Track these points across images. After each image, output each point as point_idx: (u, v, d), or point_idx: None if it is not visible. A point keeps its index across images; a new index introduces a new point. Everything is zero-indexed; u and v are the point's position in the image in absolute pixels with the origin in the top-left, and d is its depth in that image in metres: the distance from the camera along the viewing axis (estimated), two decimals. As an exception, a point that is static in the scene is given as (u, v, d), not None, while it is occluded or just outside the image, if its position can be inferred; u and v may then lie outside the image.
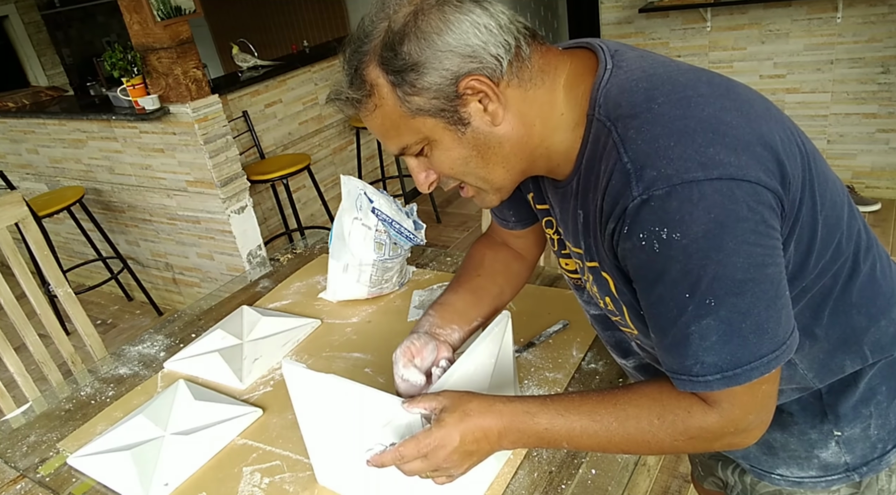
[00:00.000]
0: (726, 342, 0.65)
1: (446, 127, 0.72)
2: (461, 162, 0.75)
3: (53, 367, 1.71)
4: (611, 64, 0.72)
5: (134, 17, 2.62)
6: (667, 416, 0.72)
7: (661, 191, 0.62)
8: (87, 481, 1.12)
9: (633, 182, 0.64)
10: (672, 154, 0.63)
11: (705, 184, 0.61)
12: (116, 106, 2.99)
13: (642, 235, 0.64)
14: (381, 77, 0.71)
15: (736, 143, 0.63)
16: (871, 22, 3.12)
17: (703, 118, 0.65)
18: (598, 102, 0.71)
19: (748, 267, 0.63)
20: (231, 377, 1.32)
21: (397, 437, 0.85)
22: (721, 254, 0.62)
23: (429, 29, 0.68)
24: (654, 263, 0.65)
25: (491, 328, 0.94)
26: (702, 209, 0.61)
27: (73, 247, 3.85)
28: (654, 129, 0.65)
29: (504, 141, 0.74)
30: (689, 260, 0.63)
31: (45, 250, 1.74)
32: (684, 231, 0.62)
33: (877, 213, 3.31)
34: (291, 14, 5.19)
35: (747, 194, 0.62)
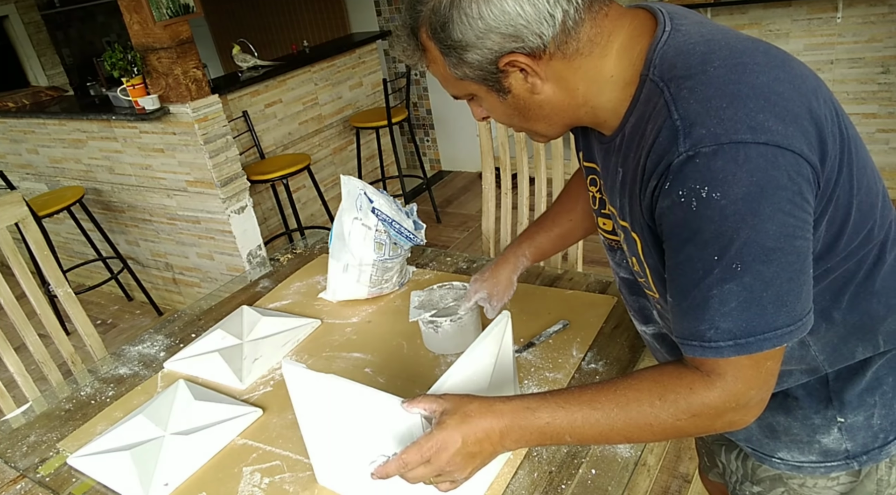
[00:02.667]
0: (745, 309, 0.66)
1: (489, 91, 0.78)
2: (505, 116, 0.82)
3: (53, 367, 1.71)
4: (669, 26, 0.73)
5: (134, 17, 2.62)
6: (668, 396, 0.73)
7: (707, 149, 0.64)
8: (87, 481, 1.12)
9: (681, 138, 0.65)
10: (723, 114, 0.64)
11: (752, 147, 0.63)
12: (116, 106, 2.99)
13: (682, 192, 0.65)
14: (432, 43, 0.76)
15: (785, 113, 0.65)
16: (871, 22, 3.12)
17: (757, 85, 0.66)
18: (653, 63, 0.72)
19: (779, 236, 0.64)
20: (231, 377, 1.32)
21: (397, 438, 0.85)
22: (756, 219, 0.63)
23: (472, 11, 0.70)
24: (689, 222, 0.66)
25: (491, 328, 0.94)
26: (745, 171, 0.63)
27: (73, 247, 3.85)
28: (707, 90, 0.66)
29: (544, 104, 0.78)
30: (725, 221, 0.64)
31: (45, 250, 1.74)
32: (725, 191, 0.63)
33: (877, 213, 3.31)
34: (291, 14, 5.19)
35: (789, 164, 0.64)
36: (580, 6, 0.71)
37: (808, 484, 0.90)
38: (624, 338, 1.27)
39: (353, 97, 4.01)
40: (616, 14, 0.75)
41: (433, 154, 4.89)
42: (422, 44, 0.77)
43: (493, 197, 1.94)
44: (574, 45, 0.73)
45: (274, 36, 5.29)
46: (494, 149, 1.92)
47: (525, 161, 1.85)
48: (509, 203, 1.95)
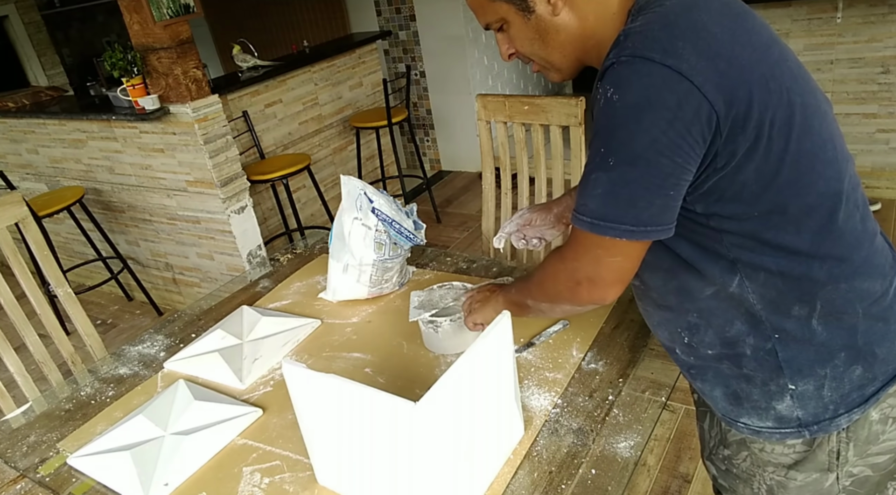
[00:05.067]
0: (605, 197, 0.78)
1: (517, 12, 0.87)
2: (528, 42, 0.90)
3: (53, 367, 1.71)
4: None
5: (134, 17, 2.62)
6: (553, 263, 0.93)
7: (625, 58, 0.74)
8: (87, 481, 1.12)
9: (615, 49, 0.77)
10: (649, 34, 0.75)
11: (655, 66, 0.72)
12: (116, 106, 2.98)
13: (601, 91, 0.77)
14: None
15: (706, 50, 0.73)
16: (871, 22, 3.12)
17: (695, 20, 0.75)
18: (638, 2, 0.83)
19: (648, 147, 0.74)
20: (231, 377, 1.32)
21: (397, 438, 0.85)
22: (635, 126, 0.74)
23: None
24: (598, 117, 0.78)
25: (491, 328, 0.94)
26: (642, 84, 0.73)
27: (73, 247, 3.85)
28: (652, 17, 0.77)
29: (560, 29, 0.87)
30: (613, 120, 0.75)
31: (45, 250, 1.74)
32: (621, 96, 0.74)
33: (877, 213, 3.31)
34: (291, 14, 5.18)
35: (683, 91, 0.72)
36: None
37: (766, 450, 0.94)
38: (624, 338, 1.27)
39: (353, 97, 4.01)
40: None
41: (433, 154, 4.89)
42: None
43: (493, 197, 1.94)
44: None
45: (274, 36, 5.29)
46: (494, 149, 1.92)
47: (525, 161, 1.85)
48: (509, 203, 1.95)
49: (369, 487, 0.96)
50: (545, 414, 1.11)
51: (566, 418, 1.10)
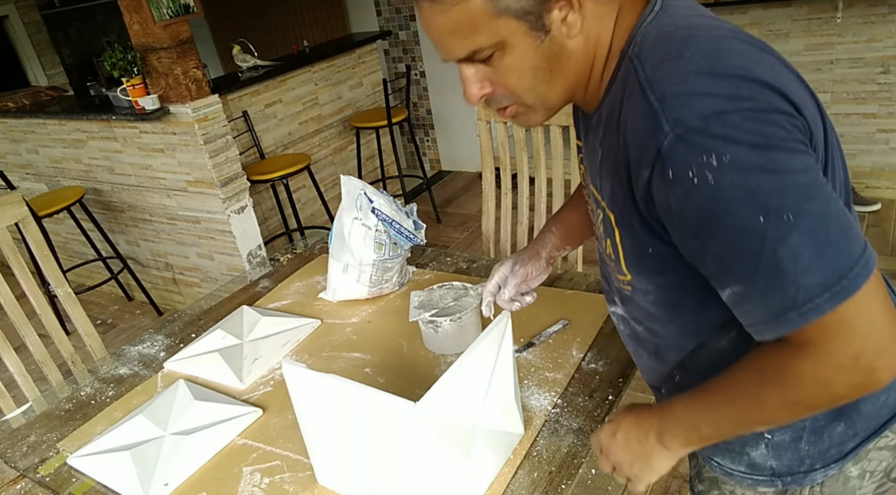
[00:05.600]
0: (820, 254, 0.60)
1: (527, 31, 0.69)
2: (531, 73, 0.73)
3: (53, 367, 1.71)
4: (659, 5, 0.72)
5: (134, 17, 2.62)
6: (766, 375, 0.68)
7: (695, 123, 0.61)
8: (87, 481, 1.12)
9: (662, 119, 0.63)
10: (699, 89, 0.63)
11: (736, 114, 0.61)
12: (116, 106, 2.98)
13: (691, 173, 0.62)
14: None
15: (763, 88, 0.64)
16: (871, 22, 3.12)
17: (732, 66, 0.65)
18: (635, 40, 0.71)
19: (806, 170, 0.62)
20: (231, 377, 1.32)
21: (397, 438, 0.85)
22: (776, 164, 0.60)
23: None
24: (714, 197, 0.61)
25: (491, 328, 0.94)
26: (741, 131, 0.61)
27: (73, 247, 3.85)
28: (682, 74, 0.64)
29: (571, 55, 0.73)
30: (748, 179, 0.60)
31: (45, 250, 1.74)
32: (733, 152, 0.60)
33: (877, 213, 3.31)
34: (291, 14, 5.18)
35: (782, 117, 0.63)
36: None
37: (737, 493, 0.91)
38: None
39: (353, 97, 4.01)
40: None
41: (433, 154, 4.89)
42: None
43: (493, 197, 1.94)
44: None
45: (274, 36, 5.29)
46: (494, 149, 1.92)
47: (525, 161, 1.85)
48: (509, 203, 1.95)
49: (369, 487, 0.96)
50: (545, 414, 1.11)
51: (566, 418, 1.10)
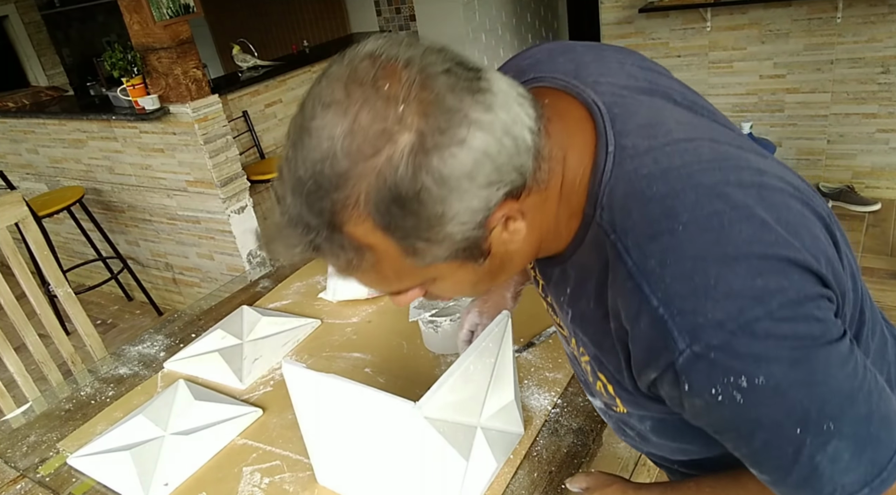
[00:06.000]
0: (860, 453, 0.56)
1: (463, 263, 0.58)
2: (469, 287, 0.65)
3: (53, 367, 1.71)
4: (612, 143, 0.59)
5: (134, 17, 2.62)
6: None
7: (717, 341, 0.52)
8: (87, 481, 1.12)
9: (675, 332, 0.53)
10: (716, 294, 0.52)
11: (766, 320, 0.52)
12: (116, 106, 2.99)
13: (715, 391, 0.54)
14: (380, 237, 0.53)
15: (784, 266, 0.54)
16: (871, 22, 3.12)
17: (742, 243, 0.54)
18: (600, 201, 0.59)
19: (847, 375, 0.55)
20: (231, 377, 1.32)
21: (397, 438, 0.85)
22: (818, 377, 0.54)
23: (447, 169, 0.50)
24: (744, 415, 0.55)
25: (491, 328, 0.94)
26: (774, 345, 0.52)
27: (73, 247, 3.85)
28: (683, 263, 0.54)
29: (516, 255, 0.62)
30: (786, 398, 0.53)
31: (45, 250, 1.74)
32: (768, 372, 0.52)
33: (877, 213, 3.31)
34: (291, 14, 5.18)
35: (813, 309, 0.55)
36: (535, 115, 0.55)
37: None
38: (624, 338, 1.27)
39: (353, 97, 4.01)
40: (554, 117, 0.60)
41: (433, 154, 4.89)
42: (356, 243, 0.53)
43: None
44: (545, 168, 0.57)
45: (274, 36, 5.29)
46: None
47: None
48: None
49: (369, 487, 0.96)
50: (545, 414, 1.11)
51: (566, 418, 1.10)
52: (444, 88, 0.50)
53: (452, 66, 0.51)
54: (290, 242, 0.55)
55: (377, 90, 0.49)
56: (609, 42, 3.74)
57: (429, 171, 0.49)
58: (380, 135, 0.49)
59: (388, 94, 0.49)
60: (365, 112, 0.49)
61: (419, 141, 0.49)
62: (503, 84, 0.54)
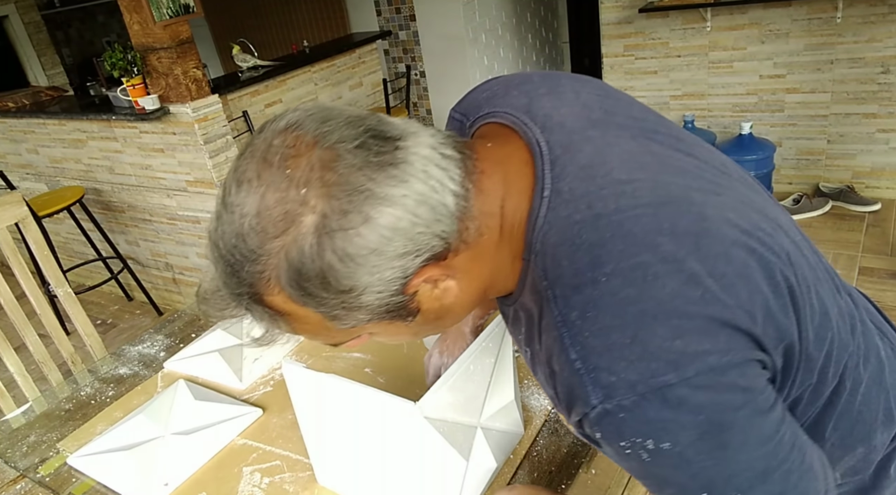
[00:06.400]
0: None
1: (391, 322, 0.59)
2: (410, 336, 0.65)
3: (53, 367, 1.71)
4: (549, 187, 0.58)
5: (134, 17, 2.62)
6: None
7: (627, 401, 0.51)
8: (87, 481, 1.12)
9: (589, 386, 0.53)
10: (630, 354, 0.51)
11: (680, 387, 0.50)
12: (116, 106, 2.99)
13: (623, 444, 0.53)
14: (298, 306, 0.55)
15: (708, 325, 0.52)
16: (871, 22, 3.12)
17: (663, 300, 0.52)
18: (534, 247, 0.58)
19: (765, 452, 0.53)
20: (231, 377, 1.32)
21: (397, 438, 0.85)
22: (729, 452, 0.53)
23: (353, 247, 0.50)
24: (651, 470, 0.55)
25: (490, 328, 0.94)
26: (686, 413, 0.51)
27: (73, 247, 3.85)
28: (602, 318, 0.53)
29: (454, 306, 0.61)
30: (692, 465, 0.53)
31: (45, 250, 1.74)
32: (674, 440, 0.52)
33: (877, 213, 3.31)
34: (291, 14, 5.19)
35: (736, 377, 0.52)
36: (461, 176, 0.55)
37: None
38: (624, 338, 1.27)
39: (353, 97, 4.01)
40: (490, 166, 0.59)
41: (433, 154, 4.89)
42: (275, 311, 0.56)
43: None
44: (473, 226, 0.56)
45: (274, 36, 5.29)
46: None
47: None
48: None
49: (369, 487, 0.96)
50: (545, 414, 1.11)
51: (566, 418, 1.10)
52: (349, 168, 0.50)
53: (367, 140, 0.51)
54: (220, 305, 0.58)
55: (283, 171, 0.50)
56: (609, 42, 3.75)
57: (334, 251, 0.50)
58: (284, 216, 0.50)
59: (292, 175, 0.50)
60: (271, 193, 0.50)
61: (322, 222, 0.50)
62: (424, 150, 0.53)
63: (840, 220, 3.30)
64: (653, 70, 3.72)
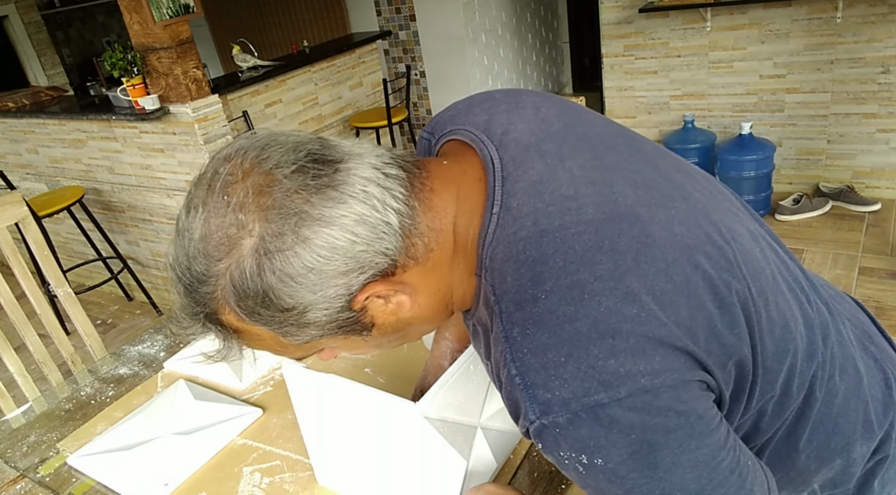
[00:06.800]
0: None
1: (346, 336, 0.61)
2: (373, 348, 0.67)
3: (53, 367, 1.71)
4: (498, 204, 0.59)
5: (134, 17, 2.62)
6: None
7: (561, 419, 0.52)
8: (87, 481, 1.12)
9: (528, 402, 0.54)
10: (564, 372, 0.52)
11: (612, 407, 0.51)
12: (116, 106, 2.99)
13: (562, 455, 0.55)
14: (249, 324, 0.57)
15: (644, 344, 0.52)
16: (871, 22, 3.12)
17: (598, 318, 0.52)
18: (484, 263, 0.59)
19: (699, 475, 0.54)
20: (231, 377, 1.32)
21: (397, 438, 0.85)
22: (660, 472, 0.53)
23: (290, 268, 0.53)
24: (587, 481, 0.56)
25: (491, 328, 0.94)
26: (617, 433, 0.52)
27: (73, 247, 3.85)
28: (540, 336, 0.53)
29: (413, 320, 0.63)
30: (624, 481, 0.54)
31: (45, 250, 1.74)
32: (606, 457, 0.53)
33: (877, 213, 3.31)
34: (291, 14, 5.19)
35: (671, 400, 0.52)
36: (405, 194, 0.56)
37: None
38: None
39: (353, 97, 4.01)
40: (442, 184, 0.61)
41: (433, 154, 4.89)
42: (230, 328, 0.59)
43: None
44: (421, 242, 0.58)
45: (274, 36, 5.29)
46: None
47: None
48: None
49: (369, 487, 0.96)
50: (545, 414, 1.11)
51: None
52: (285, 192, 0.52)
53: (305, 164, 0.53)
54: (184, 323, 0.60)
55: (223, 197, 0.53)
56: (609, 42, 3.75)
57: (273, 271, 0.53)
58: (225, 240, 0.53)
59: (230, 201, 0.53)
60: (213, 218, 0.53)
61: (260, 244, 0.52)
62: (365, 171, 0.55)
63: (840, 220, 3.30)
64: (653, 70, 3.72)
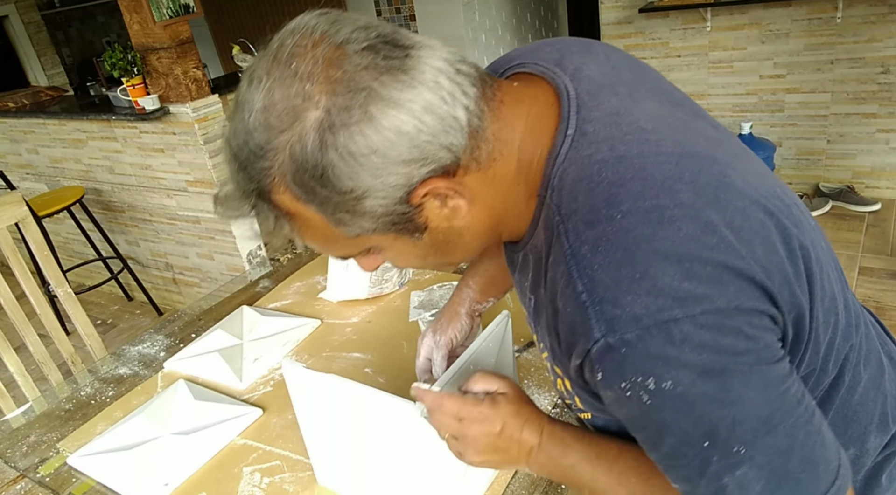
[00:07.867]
0: (774, 490, 0.53)
1: (398, 236, 0.59)
2: (418, 259, 0.65)
3: (53, 367, 1.71)
4: (573, 127, 0.58)
5: (134, 17, 2.61)
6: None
7: (630, 335, 0.50)
8: (87, 481, 1.12)
9: (593, 319, 0.52)
10: (638, 288, 0.50)
11: (685, 323, 0.50)
12: (116, 106, 2.99)
13: (624, 385, 0.52)
14: (302, 206, 0.55)
15: (721, 273, 0.51)
16: (871, 22, 3.12)
17: (678, 242, 0.51)
18: (552, 183, 0.58)
19: (769, 400, 0.52)
20: (231, 377, 1.32)
21: (397, 438, 0.85)
22: (732, 395, 0.51)
23: (354, 146, 0.51)
24: (651, 415, 0.53)
25: (491, 328, 0.94)
26: (689, 351, 0.50)
27: (73, 247, 3.85)
28: (614, 253, 0.52)
29: (464, 231, 0.61)
30: (694, 409, 0.51)
31: (45, 250, 1.74)
32: (676, 378, 0.50)
33: (877, 213, 3.31)
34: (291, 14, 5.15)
35: (742, 323, 0.51)
36: (478, 96, 0.55)
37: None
38: (624, 338, 1.27)
39: (353, 97, 4.01)
40: (512, 100, 0.60)
41: (433, 154, 4.89)
42: (283, 210, 0.56)
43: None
44: (486, 147, 0.57)
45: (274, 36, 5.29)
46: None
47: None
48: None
49: (369, 487, 0.96)
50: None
51: (566, 418, 1.10)
52: (355, 66, 0.51)
53: (377, 44, 0.52)
54: (233, 205, 0.58)
55: (289, 67, 0.52)
56: (609, 42, 3.74)
57: (336, 148, 0.51)
58: (289, 111, 0.51)
59: (297, 71, 0.51)
60: (278, 89, 0.52)
61: (326, 118, 0.51)
62: (437, 62, 0.53)
63: (840, 220, 3.30)
64: (653, 70, 3.72)
